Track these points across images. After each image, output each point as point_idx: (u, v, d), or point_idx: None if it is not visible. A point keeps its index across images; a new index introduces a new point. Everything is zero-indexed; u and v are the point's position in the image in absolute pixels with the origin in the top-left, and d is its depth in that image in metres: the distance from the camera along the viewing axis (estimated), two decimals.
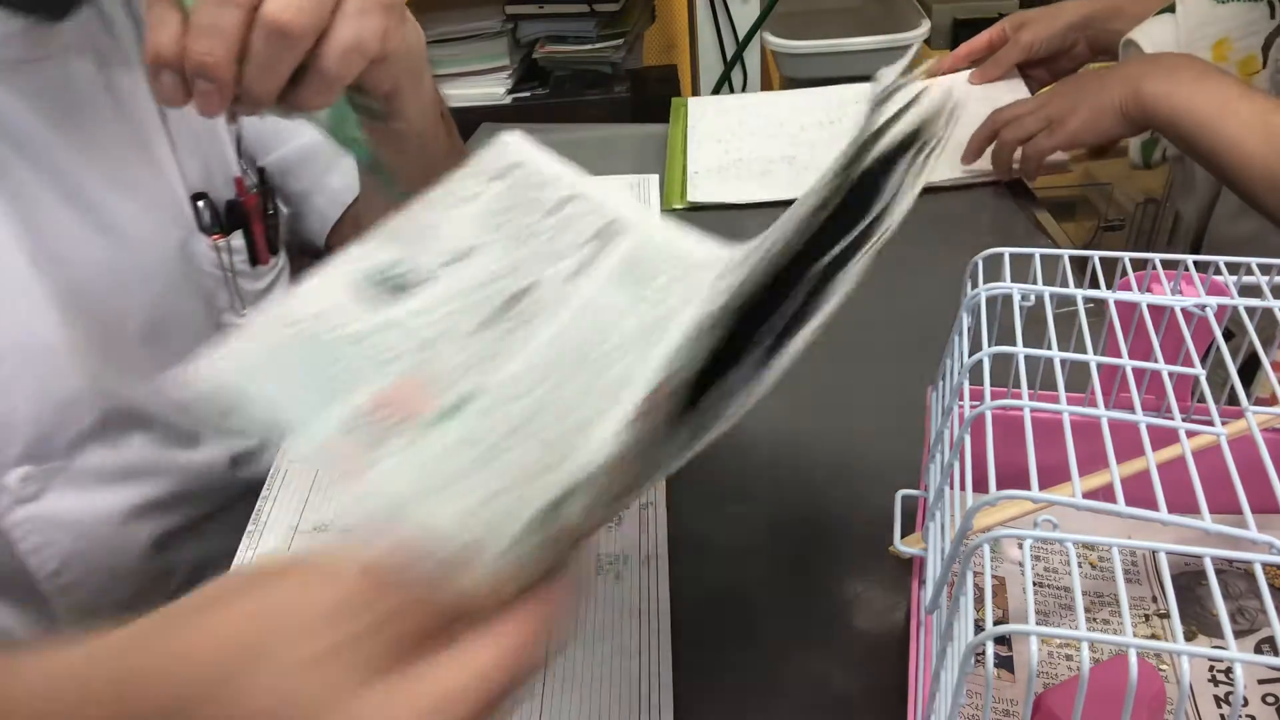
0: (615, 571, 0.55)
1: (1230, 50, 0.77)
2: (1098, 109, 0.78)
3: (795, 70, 1.26)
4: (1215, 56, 0.78)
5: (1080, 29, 0.96)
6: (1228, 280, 0.44)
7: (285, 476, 0.63)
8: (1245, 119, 0.70)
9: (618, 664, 0.50)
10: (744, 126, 1.03)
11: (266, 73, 0.42)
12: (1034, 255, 0.46)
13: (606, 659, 0.50)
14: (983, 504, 0.33)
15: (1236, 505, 0.33)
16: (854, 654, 0.51)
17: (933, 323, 0.60)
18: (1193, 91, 0.72)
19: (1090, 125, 0.78)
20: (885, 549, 0.46)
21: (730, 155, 0.98)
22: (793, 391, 0.69)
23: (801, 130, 1.01)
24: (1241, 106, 0.70)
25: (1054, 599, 0.51)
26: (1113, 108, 0.77)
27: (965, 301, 0.45)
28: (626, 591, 0.54)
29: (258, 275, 0.71)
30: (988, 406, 0.36)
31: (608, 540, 0.57)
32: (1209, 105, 0.71)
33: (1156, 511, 0.31)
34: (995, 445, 0.36)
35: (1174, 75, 0.74)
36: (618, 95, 1.42)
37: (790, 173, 0.94)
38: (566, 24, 1.42)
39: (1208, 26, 0.78)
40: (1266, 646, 0.47)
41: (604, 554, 0.56)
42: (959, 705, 0.32)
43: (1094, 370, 0.40)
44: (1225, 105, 0.71)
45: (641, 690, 0.48)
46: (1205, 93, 0.72)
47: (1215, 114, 0.71)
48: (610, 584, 0.54)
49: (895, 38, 1.21)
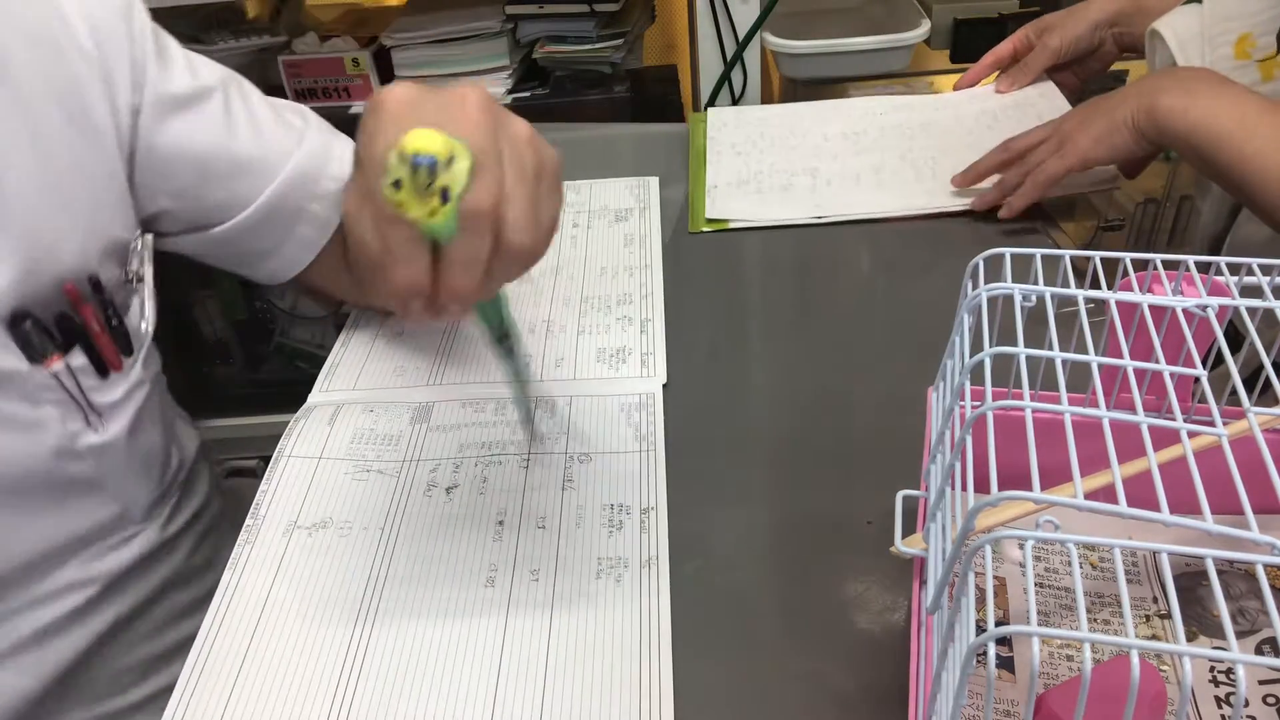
0: (616, 575, 0.55)
1: (1253, 47, 0.76)
2: (1110, 126, 0.76)
3: (795, 70, 1.26)
4: (1238, 52, 0.77)
5: (1107, 26, 0.95)
6: (1229, 281, 0.44)
7: (284, 469, 0.63)
8: (1267, 133, 0.68)
9: (619, 667, 0.50)
10: (764, 138, 1.02)
11: (500, 284, 0.44)
12: (1035, 255, 0.46)
13: (608, 662, 0.50)
14: (984, 505, 0.33)
15: (1238, 506, 0.33)
16: (854, 654, 0.51)
17: (933, 323, 0.60)
18: (1210, 105, 0.71)
19: (1102, 142, 0.77)
20: (885, 549, 0.46)
21: (750, 168, 0.96)
22: (793, 391, 0.70)
23: (825, 141, 1.00)
24: (1263, 120, 0.69)
25: (1055, 599, 0.51)
26: (1125, 124, 0.75)
27: (966, 302, 0.45)
28: (627, 594, 0.54)
29: (112, 385, 0.64)
30: (989, 407, 0.36)
31: (608, 544, 0.57)
32: (1229, 119, 0.70)
33: (1158, 512, 0.31)
34: (996, 446, 0.36)
35: (1190, 89, 0.73)
36: (618, 95, 1.42)
37: (812, 186, 0.92)
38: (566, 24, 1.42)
39: (1233, 21, 0.77)
40: (1267, 647, 0.47)
41: (604, 558, 0.56)
42: (960, 706, 0.32)
43: (1095, 371, 0.40)
44: (1245, 119, 0.69)
45: (643, 692, 0.49)
46: (1223, 107, 0.70)
47: (1235, 128, 0.69)
48: (610, 587, 0.54)
49: (895, 38, 1.21)
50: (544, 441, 0.65)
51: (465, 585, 0.55)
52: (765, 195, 0.92)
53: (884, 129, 1.01)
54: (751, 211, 0.89)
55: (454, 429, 0.66)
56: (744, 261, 0.86)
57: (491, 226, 0.41)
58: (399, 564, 0.57)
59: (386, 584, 0.56)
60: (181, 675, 0.51)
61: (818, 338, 0.76)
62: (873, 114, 1.05)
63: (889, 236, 0.85)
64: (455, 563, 0.57)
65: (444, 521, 0.59)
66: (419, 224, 0.39)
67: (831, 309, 0.80)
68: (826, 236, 0.86)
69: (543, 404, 0.68)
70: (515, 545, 0.57)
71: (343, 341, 0.76)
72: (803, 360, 0.74)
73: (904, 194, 0.88)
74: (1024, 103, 1.01)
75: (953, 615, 0.34)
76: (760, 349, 0.74)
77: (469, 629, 0.53)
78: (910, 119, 1.03)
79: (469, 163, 0.40)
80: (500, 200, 0.41)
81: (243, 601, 0.55)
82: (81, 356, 0.62)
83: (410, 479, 0.62)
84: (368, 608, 0.54)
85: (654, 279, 0.81)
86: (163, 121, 0.64)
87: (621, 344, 0.74)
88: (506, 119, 0.43)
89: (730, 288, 0.81)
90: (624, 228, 0.89)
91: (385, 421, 0.67)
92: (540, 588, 0.55)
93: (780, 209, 0.89)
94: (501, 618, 0.53)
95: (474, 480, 0.62)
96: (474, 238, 0.41)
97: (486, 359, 0.73)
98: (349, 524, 0.59)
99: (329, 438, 0.66)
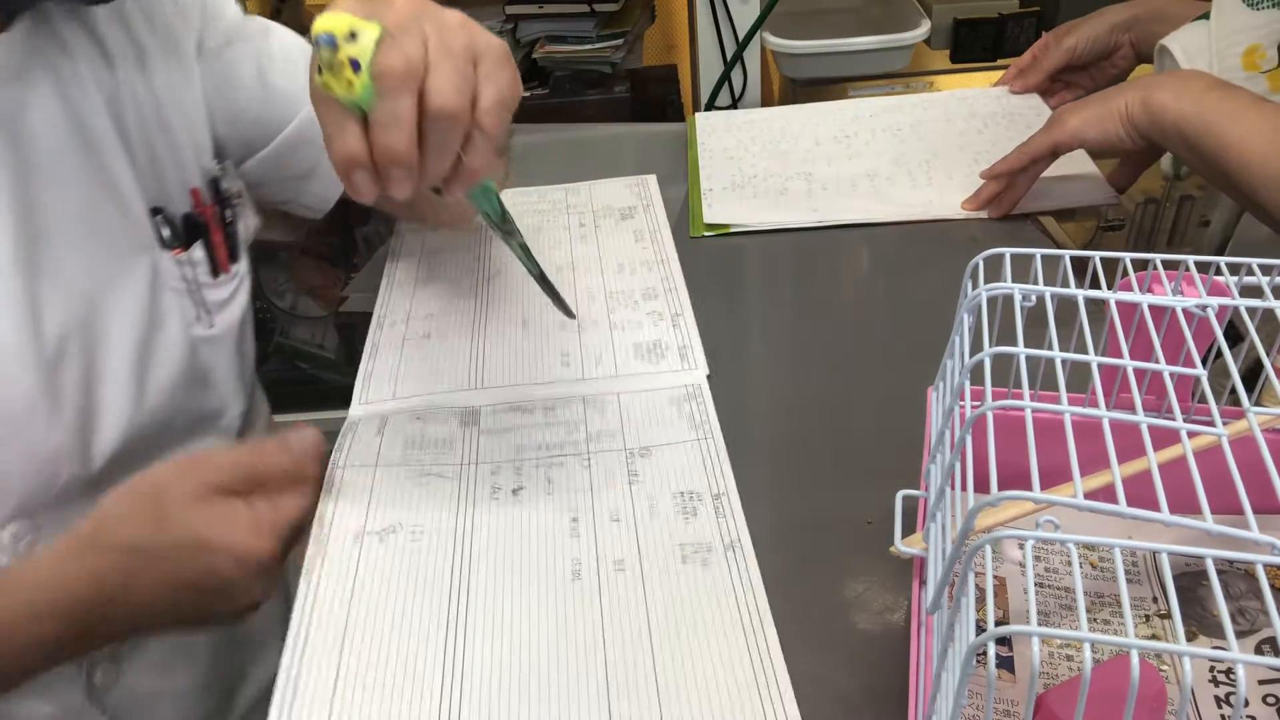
0: (702, 559, 0.56)
1: (1262, 58, 0.76)
2: (1104, 111, 0.77)
3: (795, 70, 1.26)
4: (1246, 64, 0.77)
5: (1125, 30, 0.95)
6: (1229, 280, 0.44)
7: (342, 479, 0.63)
8: (1254, 122, 0.69)
9: (726, 643, 0.51)
10: (756, 143, 1.02)
11: (442, 153, 0.47)
12: (1035, 255, 0.46)
13: (713, 638, 0.51)
14: (984, 504, 0.33)
15: (1238, 506, 0.33)
16: (854, 654, 0.51)
17: (933, 323, 0.60)
18: (1200, 97, 0.72)
19: (1093, 123, 0.77)
20: (885, 549, 0.46)
21: (744, 172, 0.96)
22: (793, 391, 0.70)
23: (816, 145, 1.00)
24: (1250, 112, 0.70)
25: (1055, 599, 0.51)
26: (1119, 112, 0.76)
27: (966, 302, 0.45)
28: (717, 576, 0.55)
29: (220, 284, 0.71)
30: (989, 407, 0.36)
31: (686, 530, 0.58)
32: (1218, 109, 0.71)
33: (1158, 512, 0.31)
34: (996, 446, 0.36)
35: (1185, 83, 0.74)
36: (618, 95, 1.42)
37: (807, 190, 0.92)
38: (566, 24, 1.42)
39: (1239, 34, 0.77)
40: (1267, 647, 0.47)
41: (685, 543, 0.57)
42: (960, 706, 0.32)
43: (1095, 371, 0.40)
44: (1235, 110, 0.70)
45: (755, 668, 0.50)
46: (1213, 100, 0.72)
47: (1220, 117, 0.71)
48: (698, 571, 0.55)
49: (895, 38, 1.21)
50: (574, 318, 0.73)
51: (552, 580, 0.55)
52: (761, 200, 0.92)
53: (875, 131, 1.02)
54: (750, 216, 0.89)
55: (506, 432, 0.66)
56: (743, 262, 0.86)
57: (407, 89, 0.44)
58: (480, 565, 0.56)
59: (472, 585, 0.55)
60: (275, 693, 0.51)
61: (817, 338, 0.76)
62: (863, 116, 1.05)
63: (888, 237, 0.85)
64: (537, 560, 0.57)
65: (516, 521, 0.59)
66: (341, 98, 0.44)
67: (831, 309, 0.80)
68: (825, 238, 0.86)
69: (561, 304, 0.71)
70: (594, 539, 0.58)
71: (370, 350, 0.75)
72: (803, 360, 0.74)
73: (901, 202, 0.88)
74: (1013, 111, 1.01)
75: (952, 615, 0.34)
76: (760, 349, 0.74)
77: (565, 620, 0.53)
78: (900, 120, 1.03)
79: (376, 34, 0.44)
80: (415, 66, 0.44)
81: (325, 611, 0.54)
82: (201, 251, 0.70)
83: (472, 481, 0.62)
84: (458, 608, 0.54)
85: (674, 273, 0.82)
86: (219, 53, 0.72)
87: (656, 338, 0.74)
88: (437, 10, 0.47)
89: (730, 288, 0.81)
90: (631, 225, 0.90)
91: (434, 427, 0.67)
92: (627, 577, 0.55)
93: (777, 213, 0.89)
94: (595, 607, 0.54)
95: (539, 481, 0.62)
96: (390, 100, 0.44)
97: (524, 359, 0.73)
98: (419, 527, 0.59)
99: (381, 446, 0.65)
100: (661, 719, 0.48)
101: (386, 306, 0.81)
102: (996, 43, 1.29)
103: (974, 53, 1.29)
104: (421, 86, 0.45)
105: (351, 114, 0.45)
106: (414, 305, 0.80)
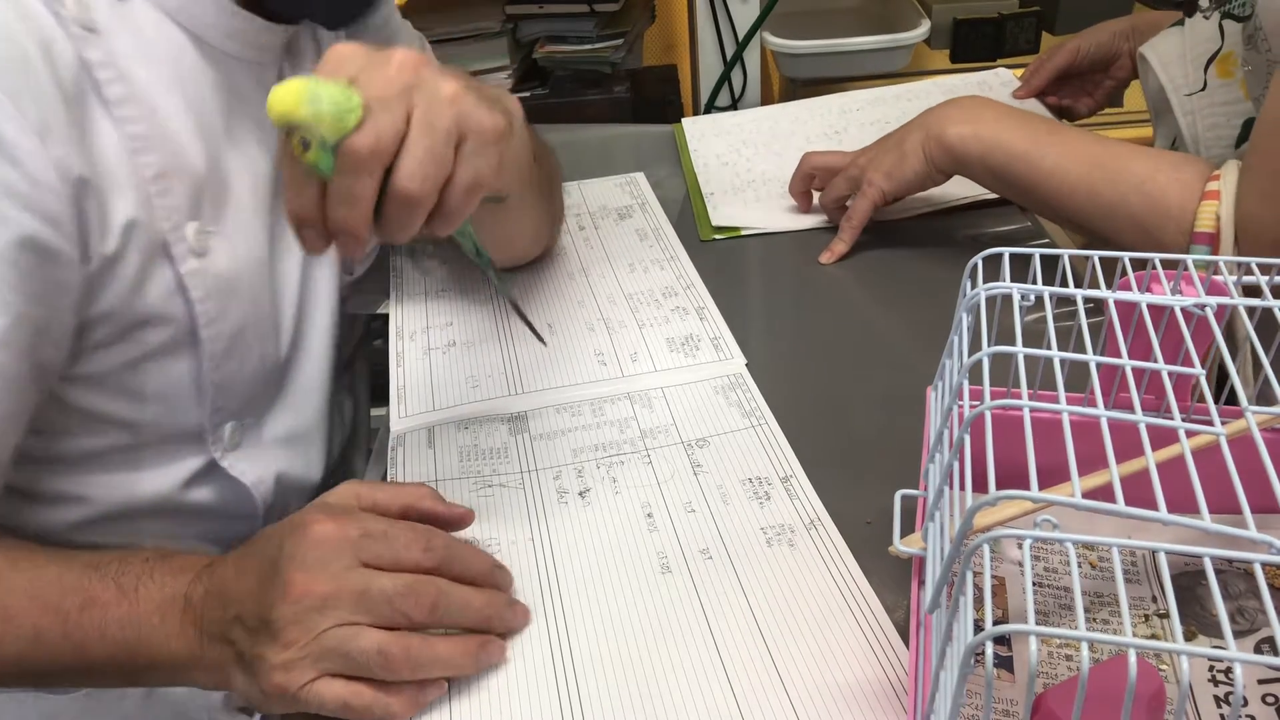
0: (788, 540, 0.57)
1: (1234, 65, 0.76)
2: (899, 158, 0.79)
3: (795, 70, 1.26)
4: (1220, 72, 0.77)
5: (1125, 37, 0.96)
6: (1227, 280, 0.44)
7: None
8: (1061, 150, 0.71)
9: (833, 617, 0.52)
10: (748, 145, 1.01)
11: (399, 229, 0.48)
12: (1034, 255, 0.46)
13: (819, 613, 0.52)
14: (982, 504, 0.33)
15: (1236, 505, 0.33)
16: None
17: (932, 323, 0.60)
18: (999, 129, 0.74)
19: (893, 175, 0.79)
20: (885, 549, 0.46)
21: (742, 177, 0.96)
22: (794, 391, 0.70)
23: (808, 143, 1.00)
24: (1052, 138, 0.72)
25: (1054, 599, 0.51)
26: (915, 154, 0.78)
27: (965, 301, 0.45)
28: (805, 555, 0.56)
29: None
30: (987, 406, 0.36)
31: (763, 514, 0.59)
32: (1021, 139, 0.73)
33: (1156, 511, 0.31)
34: (995, 445, 0.36)
35: (974, 116, 0.76)
36: (618, 95, 1.42)
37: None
38: (566, 24, 1.42)
39: (1211, 42, 0.78)
40: (1266, 646, 0.47)
41: (766, 526, 0.58)
42: (959, 705, 0.32)
43: (1094, 370, 0.40)
44: (1037, 139, 0.73)
45: (866, 636, 0.51)
46: (1010, 130, 0.74)
47: (1029, 147, 0.72)
48: (786, 552, 0.56)
49: (895, 38, 1.21)
50: (545, 344, 0.74)
51: (642, 575, 0.55)
52: (765, 203, 0.92)
53: (863, 125, 1.02)
54: (760, 219, 0.89)
55: (558, 435, 0.66)
56: (741, 263, 0.86)
57: (367, 170, 0.45)
58: (566, 569, 0.56)
59: (562, 589, 0.55)
60: None
61: (817, 338, 0.76)
62: (849, 110, 1.05)
63: (888, 236, 0.85)
64: (622, 558, 0.57)
65: (591, 523, 0.59)
66: (303, 159, 0.44)
67: (831, 309, 0.80)
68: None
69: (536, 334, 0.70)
70: (674, 531, 0.58)
71: (396, 361, 0.75)
72: (802, 360, 0.74)
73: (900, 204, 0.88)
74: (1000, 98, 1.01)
75: (951, 615, 0.34)
76: (760, 349, 0.74)
77: (665, 612, 0.53)
78: (886, 114, 1.03)
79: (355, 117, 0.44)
80: (384, 146, 0.45)
81: None
82: None
83: (536, 488, 0.62)
84: (556, 613, 0.54)
85: (688, 270, 0.82)
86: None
87: (687, 332, 0.75)
88: (434, 78, 0.47)
89: (729, 289, 0.81)
90: (632, 224, 0.90)
91: (485, 437, 0.67)
92: (716, 564, 0.55)
93: (785, 218, 0.89)
94: (693, 596, 0.54)
95: (604, 481, 0.62)
96: (349, 177, 0.45)
97: (559, 361, 0.73)
98: (494, 539, 0.59)
99: (436, 460, 0.65)
100: (786, 694, 0.48)
101: (402, 318, 0.80)
102: (996, 43, 1.29)
103: (974, 53, 1.29)
104: (392, 163, 0.45)
105: (309, 177, 0.46)
106: (430, 315, 0.80)
